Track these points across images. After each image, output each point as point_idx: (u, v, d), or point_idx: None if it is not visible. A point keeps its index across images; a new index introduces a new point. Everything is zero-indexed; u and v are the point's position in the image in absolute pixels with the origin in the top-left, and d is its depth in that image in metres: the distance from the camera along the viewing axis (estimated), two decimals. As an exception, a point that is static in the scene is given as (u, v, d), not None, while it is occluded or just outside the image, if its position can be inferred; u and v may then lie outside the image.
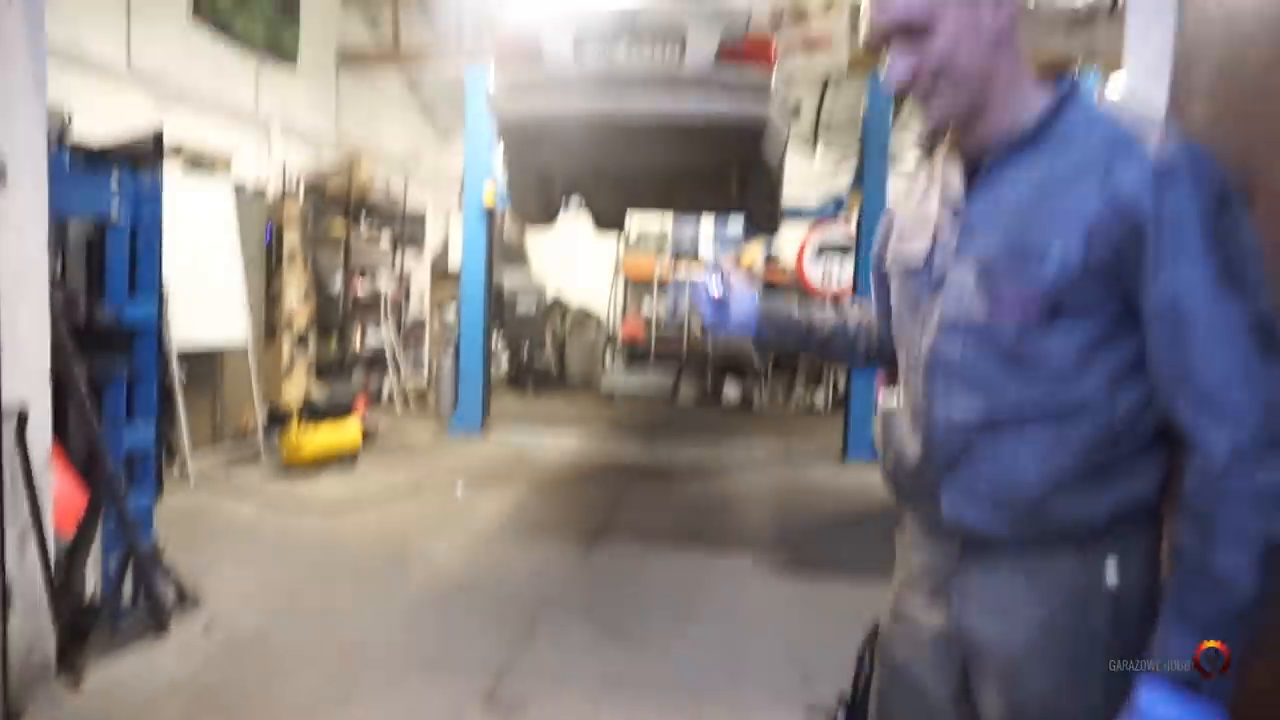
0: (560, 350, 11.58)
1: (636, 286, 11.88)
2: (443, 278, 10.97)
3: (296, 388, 7.40)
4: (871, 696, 1.51)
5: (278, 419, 6.63)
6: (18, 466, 2.89)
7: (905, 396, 1.41)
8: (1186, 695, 1.12)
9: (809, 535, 5.49)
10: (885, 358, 1.59)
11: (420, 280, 10.79)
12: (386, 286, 9.49)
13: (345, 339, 8.75)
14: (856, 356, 1.69)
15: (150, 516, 3.78)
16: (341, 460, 6.60)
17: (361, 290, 9.14)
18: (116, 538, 3.48)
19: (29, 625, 2.97)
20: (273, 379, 7.28)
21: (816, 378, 10.89)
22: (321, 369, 8.23)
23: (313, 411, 6.57)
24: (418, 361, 10.63)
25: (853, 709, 1.60)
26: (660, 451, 7.80)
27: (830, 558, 4.91)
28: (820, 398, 10.67)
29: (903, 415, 1.40)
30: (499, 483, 6.34)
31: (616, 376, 11.22)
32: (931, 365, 1.32)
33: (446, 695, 3.20)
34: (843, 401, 8.50)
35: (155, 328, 3.76)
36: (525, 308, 11.08)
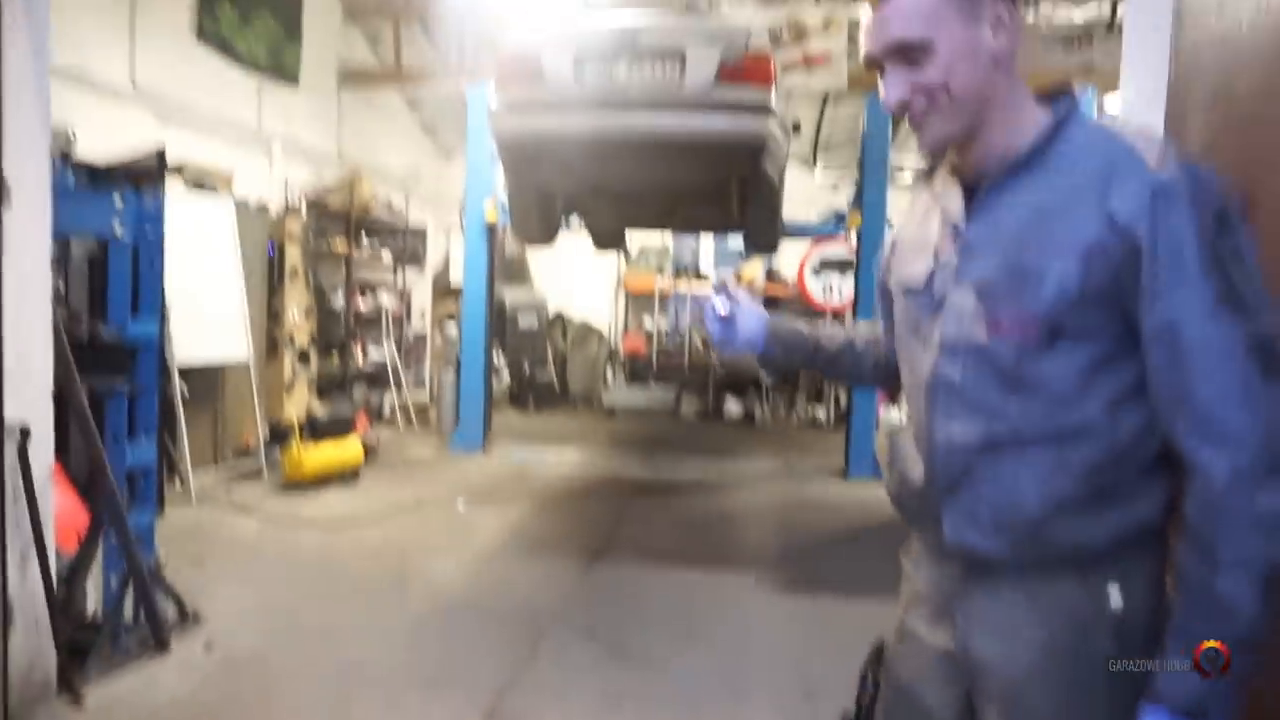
0: (561, 366, 11.57)
1: (638, 301, 11.91)
2: (444, 294, 11.00)
3: (298, 404, 7.41)
4: (876, 715, 1.50)
5: (279, 435, 6.63)
6: (19, 484, 2.89)
7: (908, 417, 1.40)
8: None
9: (811, 552, 5.47)
10: (893, 376, 1.59)
11: (421, 296, 10.83)
12: (388, 303, 9.51)
13: (347, 355, 8.76)
14: (864, 374, 1.68)
15: (151, 534, 3.79)
16: (343, 477, 6.60)
17: (363, 306, 9.16)
18: (117, 555, 3.47)
19: (30, 643, 2.97)
20: (274, 395, 7.28)
21: (818, 393, 10.89)
22: (323, 385, 8.24)
23: (314, 428, 6.57)
24: (419, 377, 10.65)
25: (857, 728, 1.60)
26: (662, 467, 7.79)
27: (832, 574, 4.90)
28: (822, 413, 10.67)
29: (906, 435, 1.40)
30: (500, 499, 6.33)
31: (618, 392, 11.22)
32: (932, 386, 1.31)
33: (447, 713, 3.19)
34: (844, 417, 8.50)
35: (157, 345, 3.78)
36: (527, 323, 11.08)
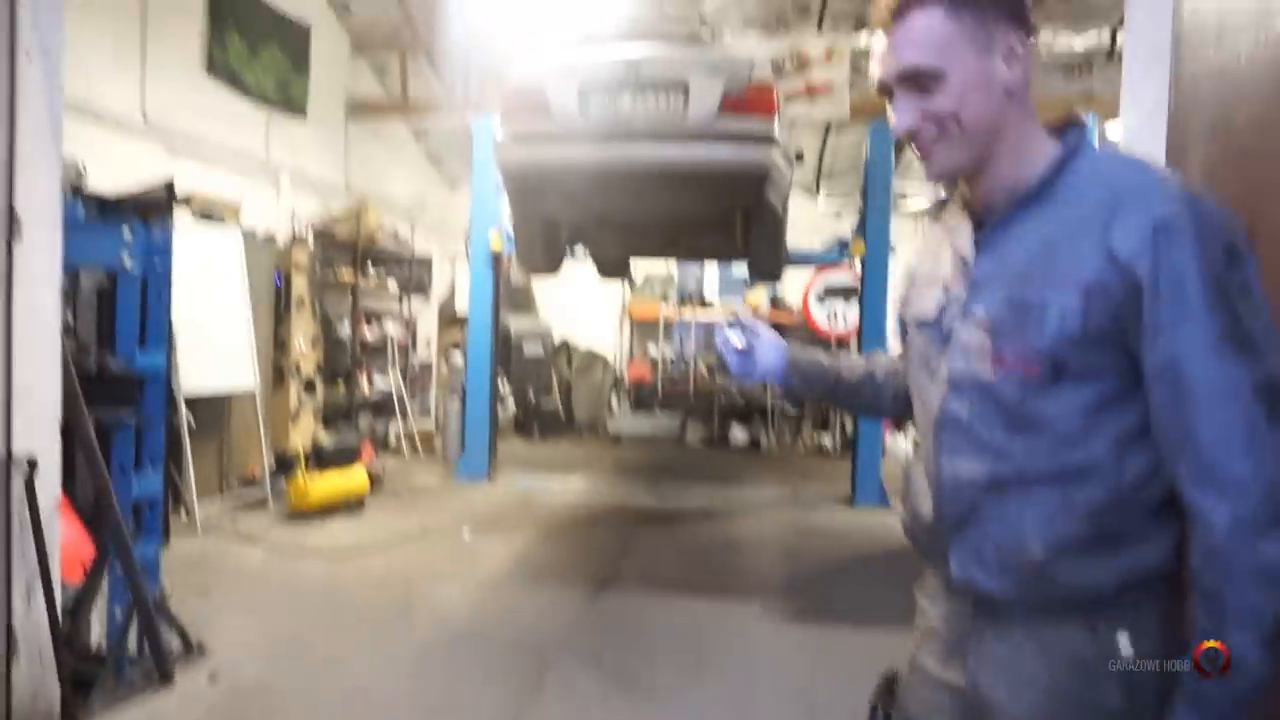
0: (566, 393, 11.57)
1: (643, 329, 11.94)
2: (449, 323, 11.04)
3: (304, 433, 7.42)
4: None
5: (285, 465, 6.62)
6: (26, 515, 2.89)
7: (921, 452, 1.39)
8: None
9: (818, 580, 5.44)
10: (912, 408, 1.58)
11: (427, 325, 10.86)
12: (394, 332, 9.54)
13: (352, 384, 8.78)
14: (884, 406, 1.66)
15: (157, 565, 3.78)
16: (348, 506, 6.59)
17: (369, 335, 9.19)
18: (122, 587, 3.47)
19: (34, 674, 2.96)
20: (280, 425, 7.29)
21: (824, 421, 10.86)
22: (329, 414, 8.25)
23: (320, 457, 6.57)
24: (424, 406, 10.65)
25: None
26: (668, 495, 7.76)
27: (839, 603, 4.87)
28: (828, 440, 10.64)
29: (919, 469, 1.39)
30: (506, 528, 6.31)
31: (623, 419, 11.20)
32: (940, 422, 1.30)
33: (453, 746, 3.17)
34: (851, 444, 8.47)
35: (164, 377, 3.79)
36: (532, 351, 11.10)
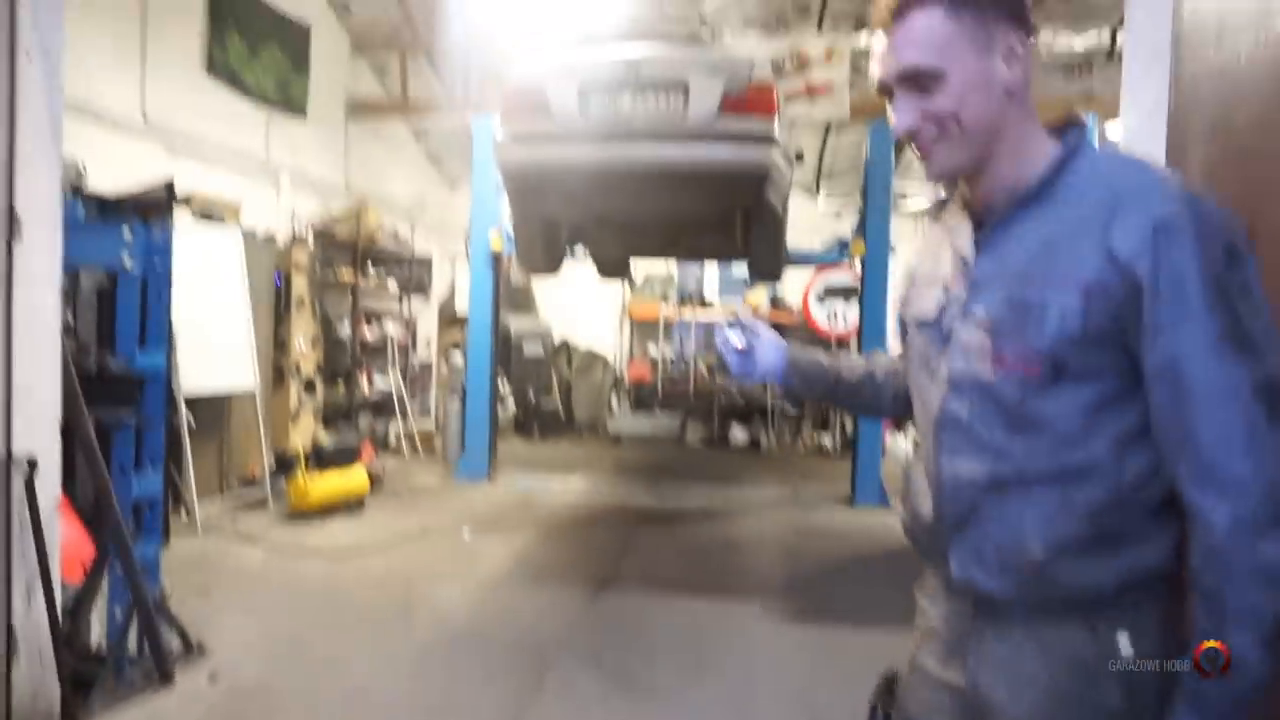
0: (566, 393, 11.57)
1: (643, 329, 11.94)
2: (449, 323, 11.04)
3: (304, 433, 7.42)
4: None
5: (285, 465, 6.63)
6: (26, 515, 2.89)
7: (921, 452, 1.39)
8: None
9: (818, 580, 5.44)
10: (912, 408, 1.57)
11: (427, 325, 10.86)
12: (394, 332, 9.54)
13: (352, 384, 8.78)
14: (884, 406, 1.66)
15: (157, 565, 3.78)
16: (348, 506, 6.59)
17: (369, 335, 9.19)
18: (122, 587, 3.47)
19: (33, 675, 2.96)
20: (280, 424, 7.29)
21: (824, 421, 10.86)
22: (329, 414, 8.25)
23: (320, 457, 6.57)
24: (425, 406, 10.65)
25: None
26: (668, 495, 7.76)
27: (839, 603, 4.87)
28: (828, 440, 10.64)
29: (919, 469, 1.39)
30: (506, 528, 6.31)
31: (623, 419, 11.20)
32: (940, 422, 1.30)
33: (453, 746, 3.17)
34: (850, 444, 8.47)
35: (164, 377, 3.79)
36: (532, 351, 11.11)
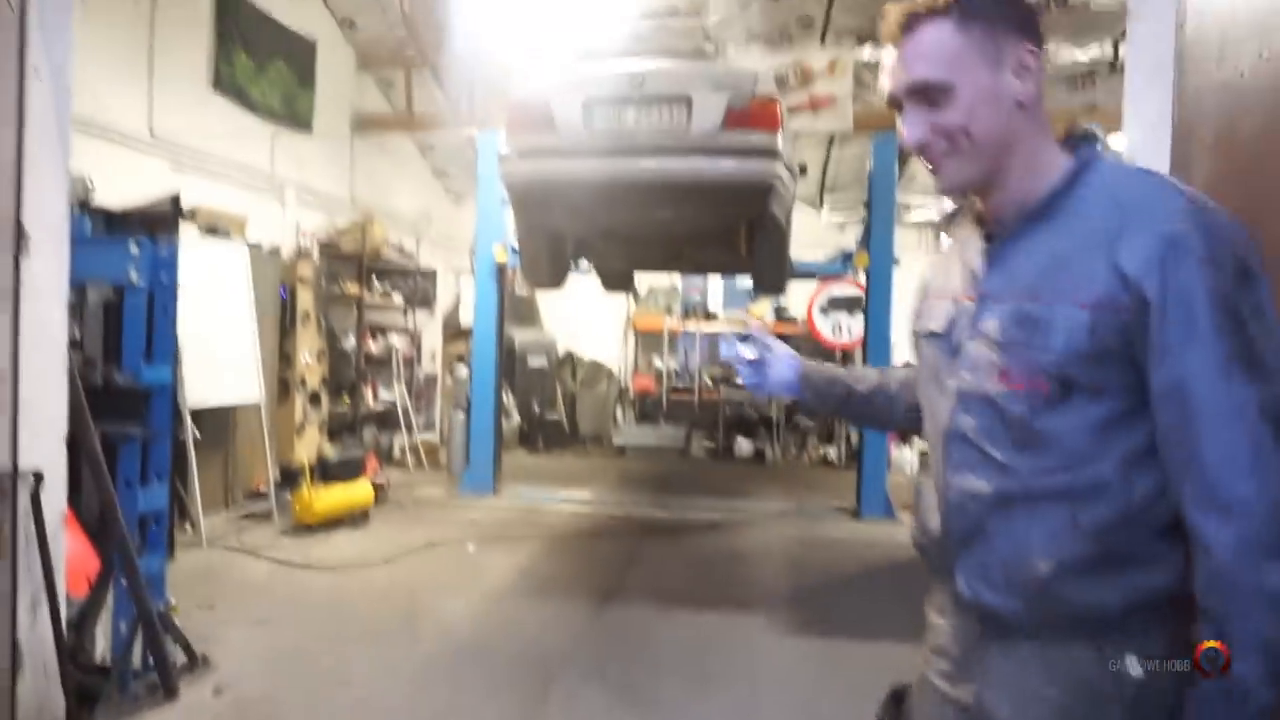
0: (571, 405, 11.58)
1: (647, 341, 11.94)
2: (454, 335, 11.05)
3: (309, 446, 7.42)
4: None
5: (290, 477, 6.64)
6: (31, 529, 2.90)
7: (930, 466, 1.39)
8: None
9: (823, 592, 5.42)
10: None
11: (432, 338, 10.88)
12: (399, 344, 9.56)
13: (357, 397, 8.79)
14: (897, 419, 1.64)
15: (162, 579, 3.78)
16: (353, 518, 6.59)
17: (374, 348, 9.21)
18: (127, 600, 3.47)
19: (38, 688, 2.96)
20: (285, 437, 7.30)
21: (829, 433, 10.84)
22: (334, 427, 8.25)
23: (325, 470, 6.57)
24: (429, 419, 10.66)
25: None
26: (673, 507, 7.74)
27: (844, 615, 4.85)
28: (833, 452, 10.61)
29: (929, 483, 1.38)
30: (510, 540, 6.30)
31: (628, 431, 11.19)
32: (949, 436, 1.29)
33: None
34: (856, 456, 8.45)
35: (170, 390, 3.80)
36: (536, 363, 11.12)
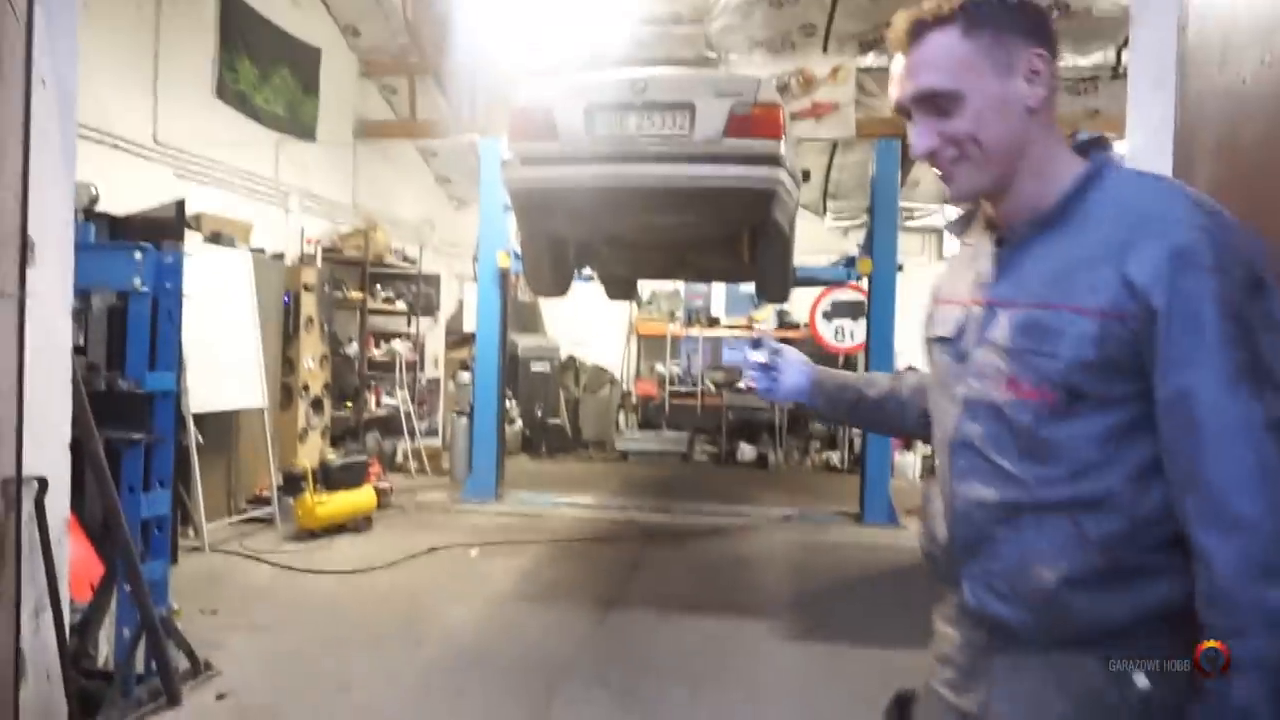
0: (574, 411, 11.58)
1: (650, 346, 11.95)
2: (457, 341, 11.06)
3: (311, 452, 7.42)
4: None
5: (293, 483, 6.64)
6: (35, 535, 2.90)
7: (937, 473, 1.38)
8: None
9: (826, 598, 5.41)
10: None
11: (435, 344, 10.89)
12: (402, 350, 9.57)
13: (360, 403, 8.80)
14: (908, 424, 1.63)
15: (165, 585, 3.78)
16: (356, 524, 6.59)
17: (377, 354, 9.23)
18: (130, 606, 3.47)
19: (41, 693, 2.96)
20: (288, 443, 7.30)
21: (831, 438, 10.82)
22: (336, 433, 8.26)
23: (327, 475, 6.58)
24: (432, 424, 10.66)
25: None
26: (675, 512, 7.73)
27: (847, 621, 4.84)
28: (836, 457, 10.59)
29: (937, 491, 1.37)
30: (513, 546, 6.30)
31: (631, 436, 11.19)
32: (956, 444, 1.28)
33: (460, 767, 3.16)
34: (859, 461, 8.44)
35: (174, 397, 3.81)
36: (539, 369, 11.14)
